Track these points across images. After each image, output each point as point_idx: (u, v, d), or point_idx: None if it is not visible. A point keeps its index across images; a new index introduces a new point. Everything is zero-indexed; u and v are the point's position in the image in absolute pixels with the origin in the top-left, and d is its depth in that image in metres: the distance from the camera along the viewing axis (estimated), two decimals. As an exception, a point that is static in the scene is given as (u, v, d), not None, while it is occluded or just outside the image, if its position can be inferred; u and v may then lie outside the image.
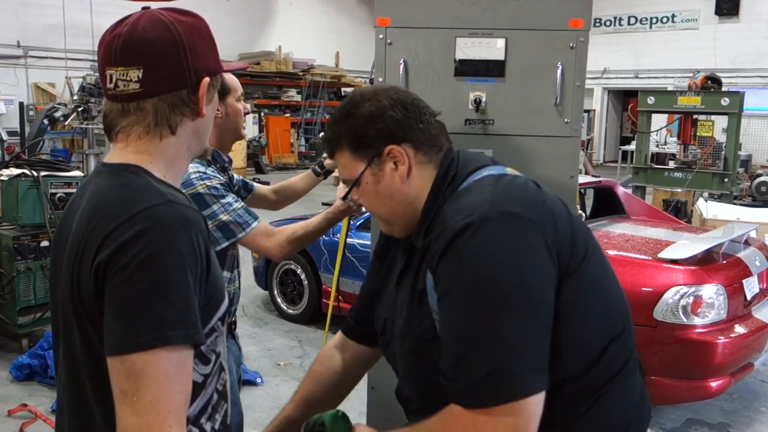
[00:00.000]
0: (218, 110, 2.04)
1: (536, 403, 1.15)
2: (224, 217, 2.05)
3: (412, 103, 1.37)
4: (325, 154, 2.43)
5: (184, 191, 1.87)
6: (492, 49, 2.05)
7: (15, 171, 4.66)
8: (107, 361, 1.07)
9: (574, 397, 1.25)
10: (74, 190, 4.78)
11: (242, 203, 2.13)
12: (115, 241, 1.07)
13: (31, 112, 12.78)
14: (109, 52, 1.17)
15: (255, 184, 2.60)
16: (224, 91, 2.08)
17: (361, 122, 1.35)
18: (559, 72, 2.01)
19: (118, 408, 1.05)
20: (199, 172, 2.04)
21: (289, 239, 2.15)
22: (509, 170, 1.39)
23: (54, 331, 1.28)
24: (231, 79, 2.12)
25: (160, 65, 1.16)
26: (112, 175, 1.19)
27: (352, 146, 1.37)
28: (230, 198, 2.08)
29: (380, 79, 2.11)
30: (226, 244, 2.08)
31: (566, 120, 2.06)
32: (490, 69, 2.06)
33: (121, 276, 1.06)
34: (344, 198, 1.50)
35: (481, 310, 1.16)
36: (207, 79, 1.21)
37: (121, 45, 1.16)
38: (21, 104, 12.44)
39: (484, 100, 2.06)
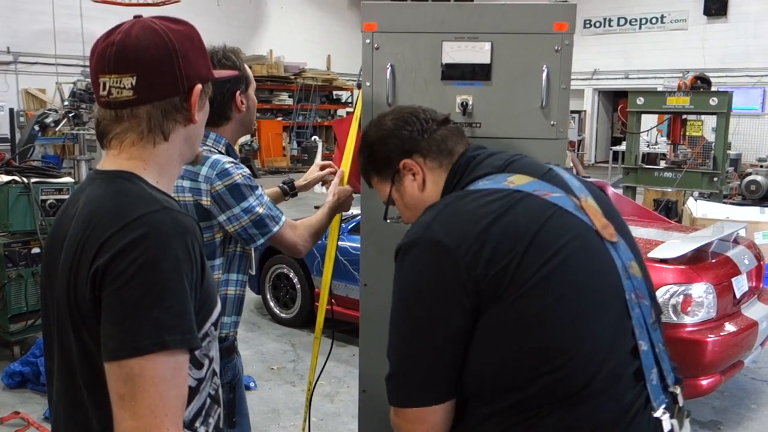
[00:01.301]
0: (242, 103, 2.01)
1: (427, 414, 1.31)
2: (261, 210, 1.94)
3: (413, 116, 1.55)
4: (299, 177, 2.47)
5: (220, 182, 1.90)
6: (478, 52, 2.07)
7: (5, 178, 4.65)
8: (105, 366, 1.08)
9: (497, 415, 1.30)
10: (65, 197, 4.77)
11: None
12: (112, 247, 1.09)
13: (22, 119, 12.74)
14: (102, 59, 1.19)
15: None
16: (247, 84, 2.04)
17: (374, 148, 1.57)
18: (544, 75, 2.03)
19: (116, 412, 1.07)
20: (231, 162, 1.96)
21: (310, 233, 2.11)
22: (512, 179, 1.39)
23: (46, 338, 1.29)
24: (249, 71, 2.08)
25: (153, 72, 1.18)
26: (107, 182, 1.20)
27: (376, 171, 1.60)
28: (260, 188, 2.00)
29: (368, 84, 2.13)
30: (262, 240, 1.97)
31: (552, 122, 2.07)
32: (477, 72, 2.08)
33: (118, 282, 1.07)
34: (384, 218, 1.62)
35: (396, 323, 1.36)
36: (199, 86, 1.24)
37: (114, 53, 1.18)
38: (11, 110, 12.39)
39: (470, 103, 2.08)
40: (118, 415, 1.06)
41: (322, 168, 2.47)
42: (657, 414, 1.33)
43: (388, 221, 1.62)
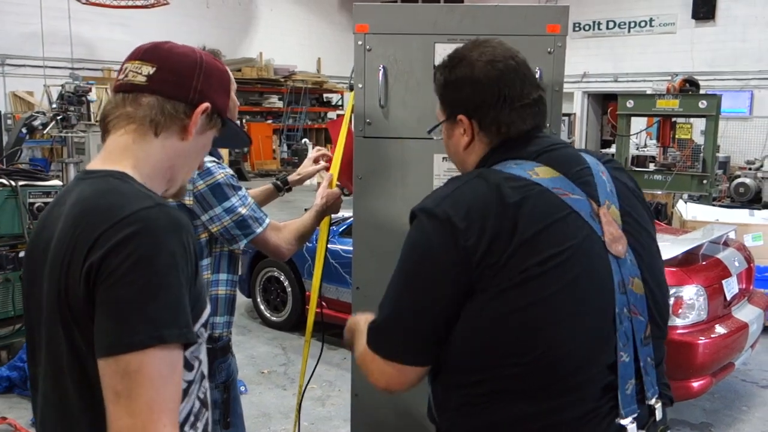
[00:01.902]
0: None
1: (402, 371, 1.37)
2: (243, 211, 1.95)
3: (495, 83, 1.42)
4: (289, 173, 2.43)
5: (202, 181, 1.92)
6: (471, 54, 2.06)
7: (-8, 181, 4.60)
8: (99, 363, 1.06)
9: (463, 388, 1.36)
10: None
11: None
12: (107, 243, 1.08)
13: (9, 121, 12.64)
14: (136, 52, 1.28)
15: None
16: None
17: (448, 85, 1.49)
18: (537, 77, 2.02)
19: (112, 410, 1.05)
20: (214, 161, 1.97)
21: (295, 236, 2.10)
22: (538, 170, 1.37)
23: (30, 344, 1.27)
24: (230, 73, 2.07)
25: (171, 71, 1.25)
26: (98, 181, 1.20)
27: (440, 96, 1.53)
28: (243, 189, 2.01)
29: (360, 86, 2.12)
30: (244, 241, 1.98)
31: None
32: (469, 74, 2.07)
33: (113, 278, 1.06)
34: (429, 132, 1.61)
35: (395, 279, 1.39)
36: (207, 105, 1.27)
37: (148, 47, 1.28)
38: (-2, 113, 12.29)
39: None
40: (114, 413, 1.05)
41: (316, 161, 2.46)
42: (623, 422, 1.33)
43: (430, 133, 1.61)
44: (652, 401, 1.39)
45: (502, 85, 1.43)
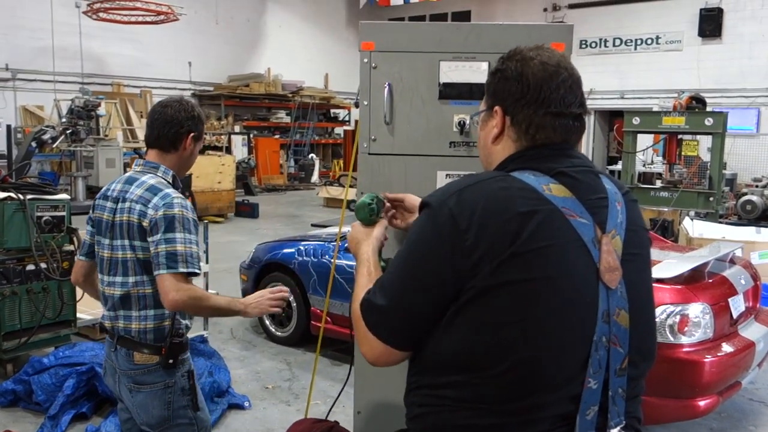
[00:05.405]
0: (189, 144, 2.32)
1: (387, 350, 1.42)
2: (179, 248, 2.12)
3: (540, 83, 1.43)
4: None
5: (162, 210, 2.12)
6: (475, 72, 2.08)
7: (1, 194, 4.63)
8: None
9: (426, 388, 1.41)
10: (61, 214, 4.75)
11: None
12: None
13: (19, 135, 12.74)
14: None
15: None
16: (200, 137, 2.36)
17: (496, 74, 1.51)
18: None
19: None
20: (180, 198, 2.19)
21: (191, 296, 2.15)
22: (552, 187, 1.37)
23: None
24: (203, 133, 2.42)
25: None
26: None
27: (485, 87, 1.56)
28: (195, 236, 2.19)
29: (365, 103, 2.13)
30: (164, 271, 2.11)
31: (549, 142, 2.07)
32: (474, 92, 2.08)
33: None
34: (472, 117, 1.67)
35: (397, 265, 1.44)
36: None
37: None
38: (8, 127, 12.40)
39: (468, 122, 2.09)
40: None
41: None
42: None
43: (472, 118, 1.67)
44: (614, 430, 1.38)
45: (546, 87, 1.43)
